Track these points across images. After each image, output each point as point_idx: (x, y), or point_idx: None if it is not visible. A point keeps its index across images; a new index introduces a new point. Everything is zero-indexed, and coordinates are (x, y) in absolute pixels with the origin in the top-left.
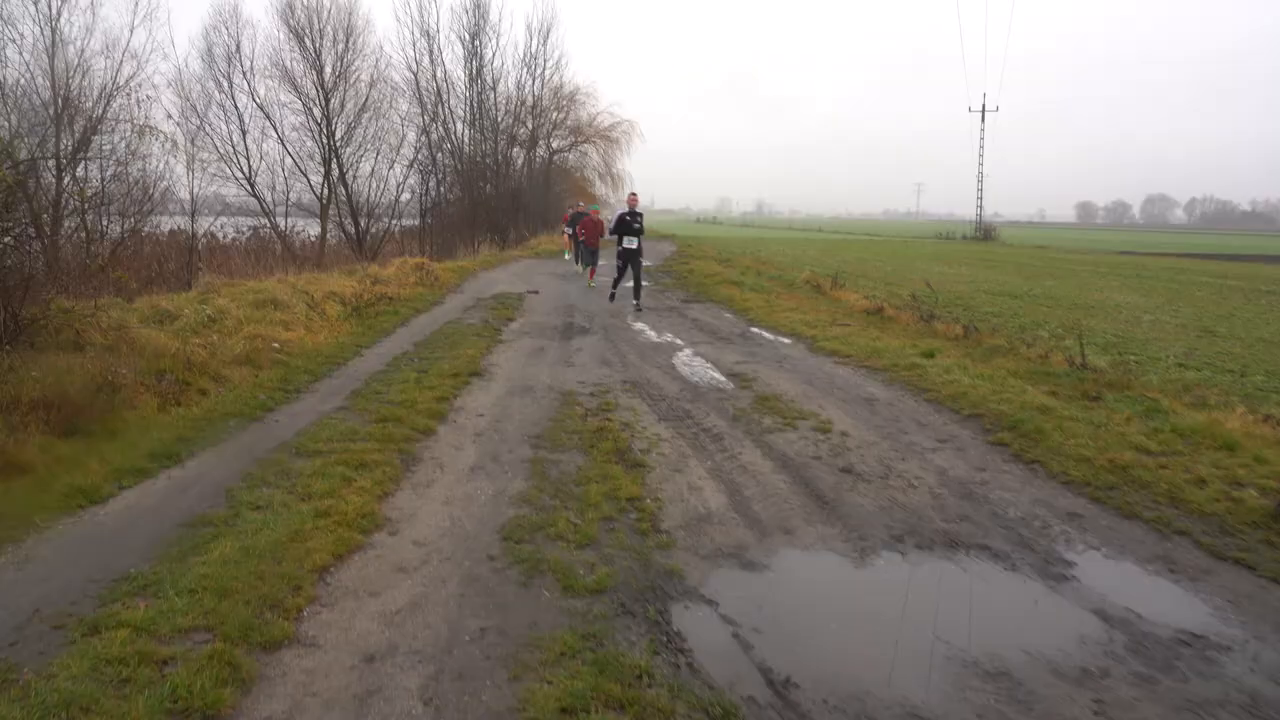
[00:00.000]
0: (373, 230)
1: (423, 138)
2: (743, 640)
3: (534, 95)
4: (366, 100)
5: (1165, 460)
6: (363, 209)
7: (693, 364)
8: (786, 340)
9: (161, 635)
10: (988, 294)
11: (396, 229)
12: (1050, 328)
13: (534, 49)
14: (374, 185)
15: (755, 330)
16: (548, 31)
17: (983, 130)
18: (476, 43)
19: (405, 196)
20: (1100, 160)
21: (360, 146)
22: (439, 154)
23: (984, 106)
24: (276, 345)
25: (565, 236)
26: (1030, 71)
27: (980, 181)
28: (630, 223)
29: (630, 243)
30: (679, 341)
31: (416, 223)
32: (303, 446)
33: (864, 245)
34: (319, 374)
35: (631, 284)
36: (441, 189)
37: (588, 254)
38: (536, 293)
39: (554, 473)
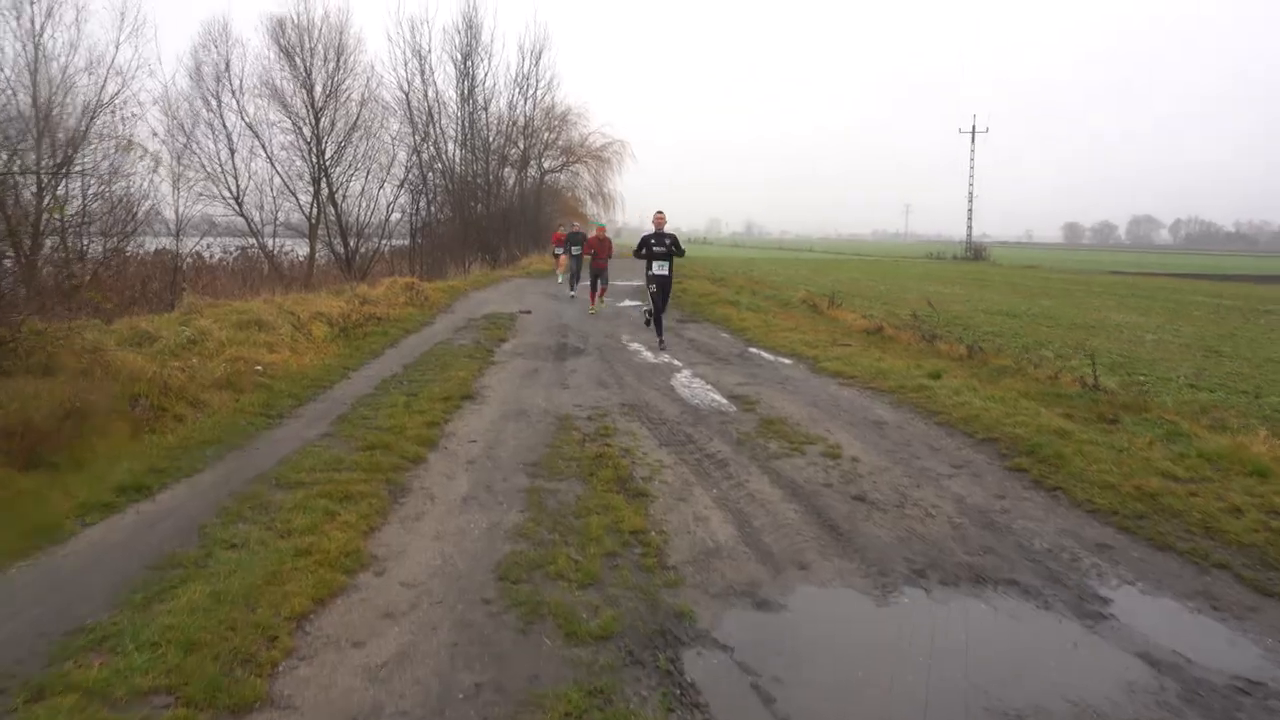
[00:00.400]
0: (362, 250)
1: (414, 157)
2: (763, 692)
3: (526, 115)
4: (357, 119)
5: (1195, 487)
6: (352, 229)
7: (692, 386)
8: (787, 361)
9: (116, 700)
10: (985, 313)
11: (386, 249)
12: (1054, 347)
13: (526, 70)
14: (364, 205)
15: (754, 351)
16: (540, 53)
17: (973, 151)
18: (468, 63)
19: (396, 216)
20: (1086, 182)
21: (350, 166)
22: (430, 174)
23: (974, 128)
24: (260, 368)
25: (556, 258)
26: (1018, 95)
27: (971, 201)
28: (655, 245)
29: (661, 268)
30: (677, 362)
31: (407, 242)
32: (284, 477)
33: (855, 265)
34: (303, 398)
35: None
36: (432, 209)
37: (596, 276)
38: (529, 313)
39: (552, 503)
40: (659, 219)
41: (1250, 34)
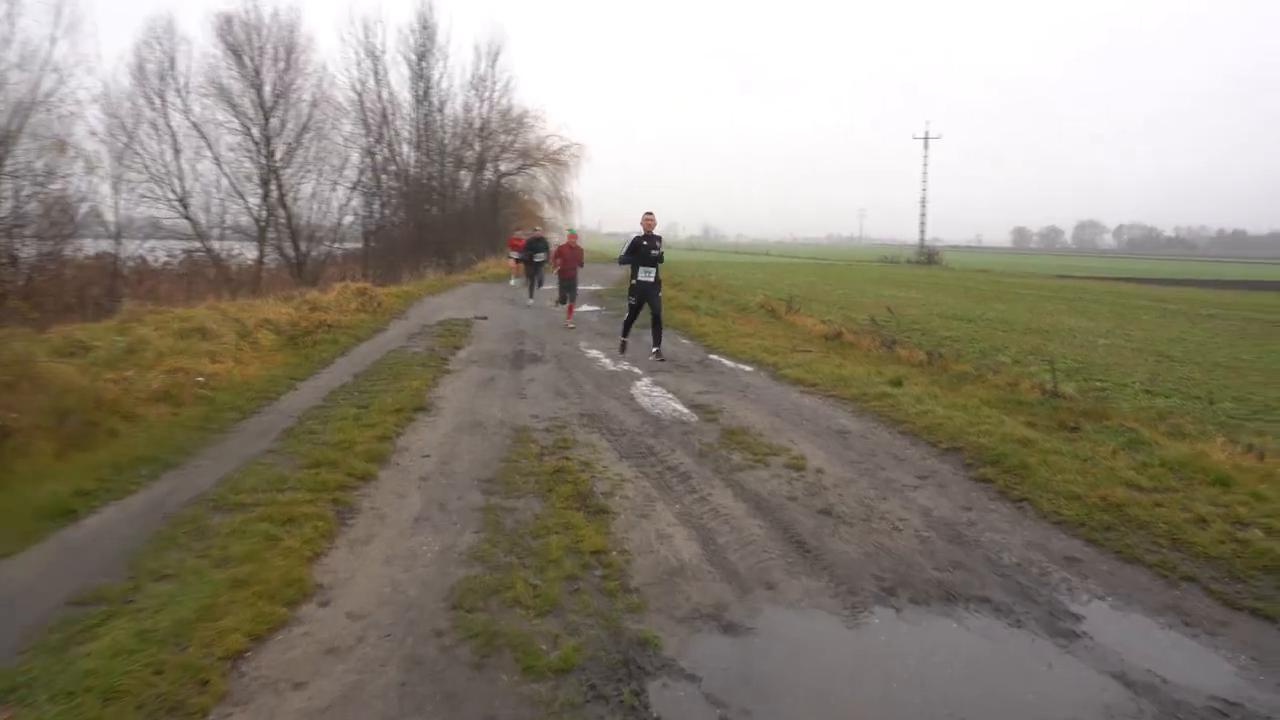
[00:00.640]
0: (314, 254)
1: (367, 159)
2: None
3: (482, 117)
4: (308, 120)
5: (1160, 497)
6: (303, 232)
7: (652, 394)
8: (747, 368)
9: None
10: (941, 318)
11: (339, 253)
12: (1011, 353)
13: (482, 71)
14: (315, 208)
15: (714, 357)
16: (496, 54)
17: (926, 157)
18: (423, 64)
19: (348, 219)
20: (1034, 188)
21: (301, 168)
22: (384, 176)
23: (927, 134)
24: (201, 379)
25: (511, 262)
26: (967, 104)
27: (924, 206)
28: (648, 249)
29: (648, 274)
30: (636, 370)
31: (360, 246)
32: (223, 498)
33: (811, 269)
34: (247, 411)
35: (650, 326)
36: (386, 212)
37: (565, 288)
38: (485, 318)
39: (509, 523)
40: (649, 220)
41: (1185, 53)
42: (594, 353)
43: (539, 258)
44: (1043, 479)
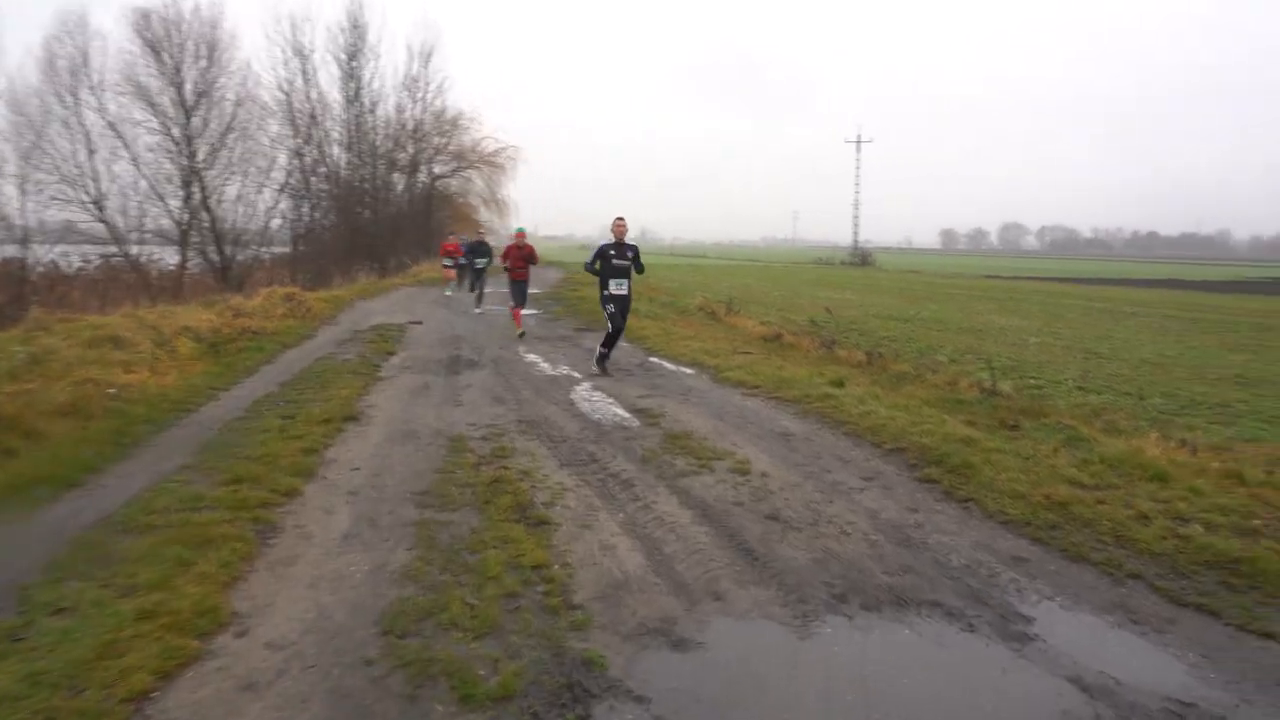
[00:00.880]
0: (240, 259)
1: (295, 161)
2: None
3: (415, 119)
4: (233, 120)
5: (1102, 495)
6: (228, 236)
7: (593, 399)
8: (689, 371)
9: None
10: (878, 318)
11: (267, 257)
12: (947, 352)
13: (415, 72)
14: (241, 210)
15: (655, 360)
16: (430, 54)
17: (858, 160)
18: (354, 64)
19: (276, 222)
20: (961, 190)
21: (226, 169)
22: (313, 178)
23: (859, 138)
24: (113, 390)
25: (445, 269)
26: (898, 107)
27: (857, 209)
28: (615, 258)
29: (619, 286)
30: (576, 374)
31: (289, 250)
32: (131, 520)
33: (748, 270)
34: (163, 424)
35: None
36: (316, 215)
37: (517, 291)
38: (419, 323)
39: (444, 538)
40: (619, 227)
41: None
42: (532, 357)
43: (481, 263)
44: (987, 478)
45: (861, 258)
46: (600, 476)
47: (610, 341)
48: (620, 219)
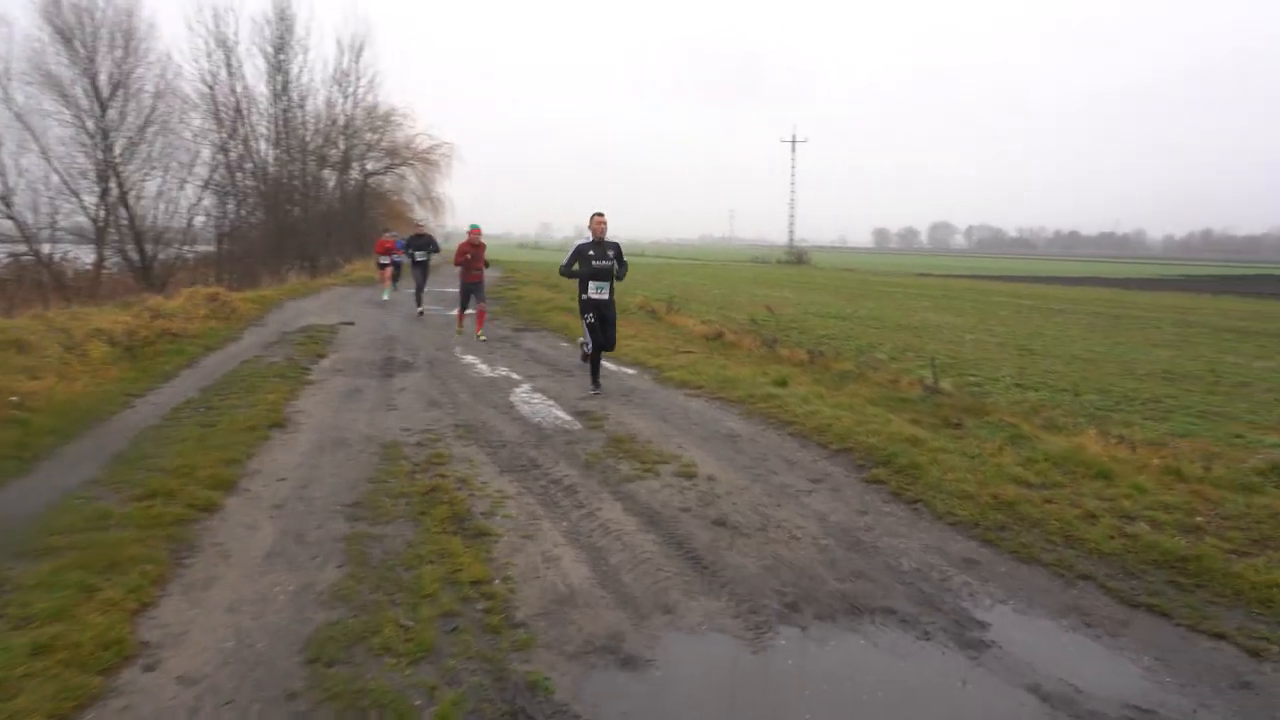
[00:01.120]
0: (161, 258)
1: (220, 156)
2: None
3: (346, 114)
4: (152, 113)
5: (1049, 493)
6: (149, 234)
7: (533, 402)
8: (630, 371)
9: None
10: (817, 316)
11: (192, 256)
12: (886, 350)
13: (345, 66)
14: (163, 207)
15: None
16: (360, 48)
17: (793, 159)
18: (281, 56)
19: (200, 220)
20: (893, 191)
21: (146, 164)
22: (239, 174)
23: (794, 138)
24: (15, 399)
25: (381, 269)
26: (829, 107)
27: (792, 208)
28: (594, 259)
29: (599, 290)
30: (515, 376)
31: (214, 249)
32: (28, 543)
33: (687, 269)
34: (70, 434)
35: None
36: (242, 212)
37: (469, 292)
38: (352, 324)
39: (377, 553)
40: (598, 224)
41: (1024, 71)
42: (470, 358)
43: (420, 256)
44: (935, 479)
45: (797, 256)
46: (542, 483)
47: (593, 358)
48: (599, 214)
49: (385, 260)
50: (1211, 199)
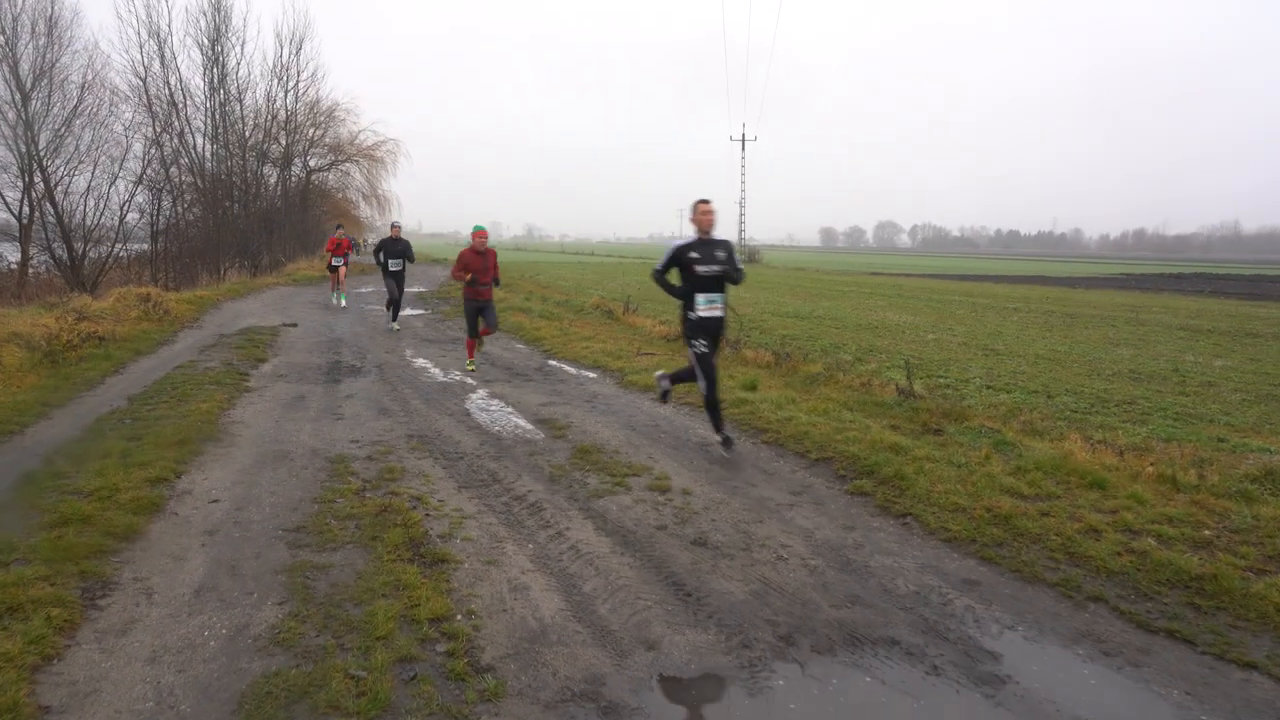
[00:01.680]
0: (93, 256)
1: (153, 150)
2: None
3: (288, 109)
4: (79, 104)
5: (1045, 505)
6: (78, 231)
7: (490, 409)
8: (591, 374)
9: None
10: (775, 316)
11: (126, 255)
12: (851, 350)
13: (286, 59)
14: (93, 203)
15: (554, 364)
16: (300, 42)
17: (743, 158)
18: (218, 48)
19: (133, 217)
20: (839, 190)
21: (74, 158)
22: (174, 169)
23: (744, 136)
24: None
25: (333, 271)
26: (780, 106)
27: (743, 206)
28: (700, 262)
29: (712, 305)
30: (470, 380)
31: (149, 248)
32: None
33: (640, 268)
34: None
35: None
36: (179, 208)
37: (479, 311)
38: (295, 325)
39: (322, 586)
40: (705, 215)
41: (963, 74)
42: (421, 362)
43: (394, 265)
44: (923, 490)
45: (749, 255)
46: (505, 500)
47: (709, 400)
48: (705, 202)
49: (338, 261)
50: (1145, 199)
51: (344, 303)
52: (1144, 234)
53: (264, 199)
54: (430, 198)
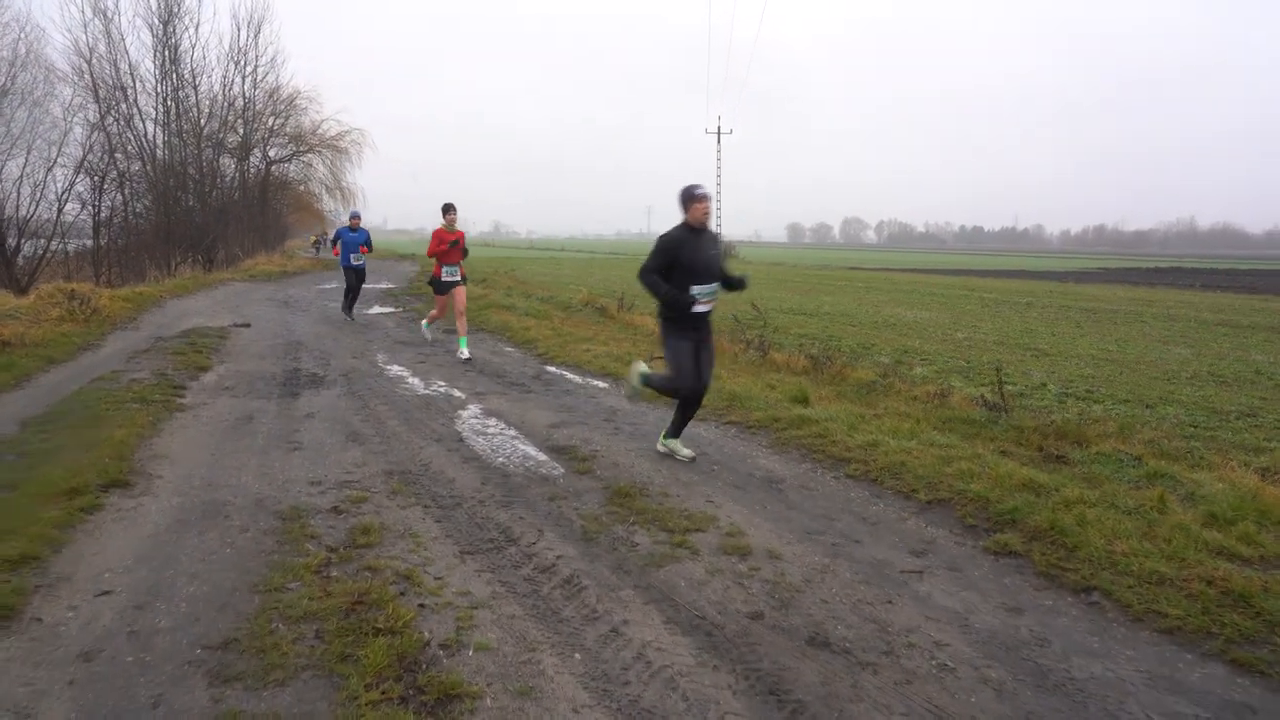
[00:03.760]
0: (27, 251)
1: (97, 135)
2: None
3: (245, 96)
4: (10, 83)
5: None
6: (10, 223)
7: (488, 431)
8: (601, 384)
9: None
10: (781, 313)
11: (66, 250)
12: (884, 351)
13: (244, 43)
14: (27, 192)
15: (554, 370)
16: (259, 25)
17: (719, 151)
18: (170, 29)
19: (73, 208)
20: (805, 186)
21: (4, 139)
22: (120, 156)
23: (719, 129)
24: None
25: (441, 292)
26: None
27: (719, 200)
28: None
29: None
30: (457, 393)
31: (95, 241)
32: None
33: (614, 263)
34: None
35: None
36: (126, 199)
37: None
38: (247, 326)
39: None
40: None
41: (927, 68)
42: (396, 369)
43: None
44: (1099, 550)
45: (726, 250)
46: (527, 573)
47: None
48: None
49: (452, 275)
50: (1103, 196)
51: (465, 352)
52: (1104, 230)
53: (221, 190)
54: (397, 193)
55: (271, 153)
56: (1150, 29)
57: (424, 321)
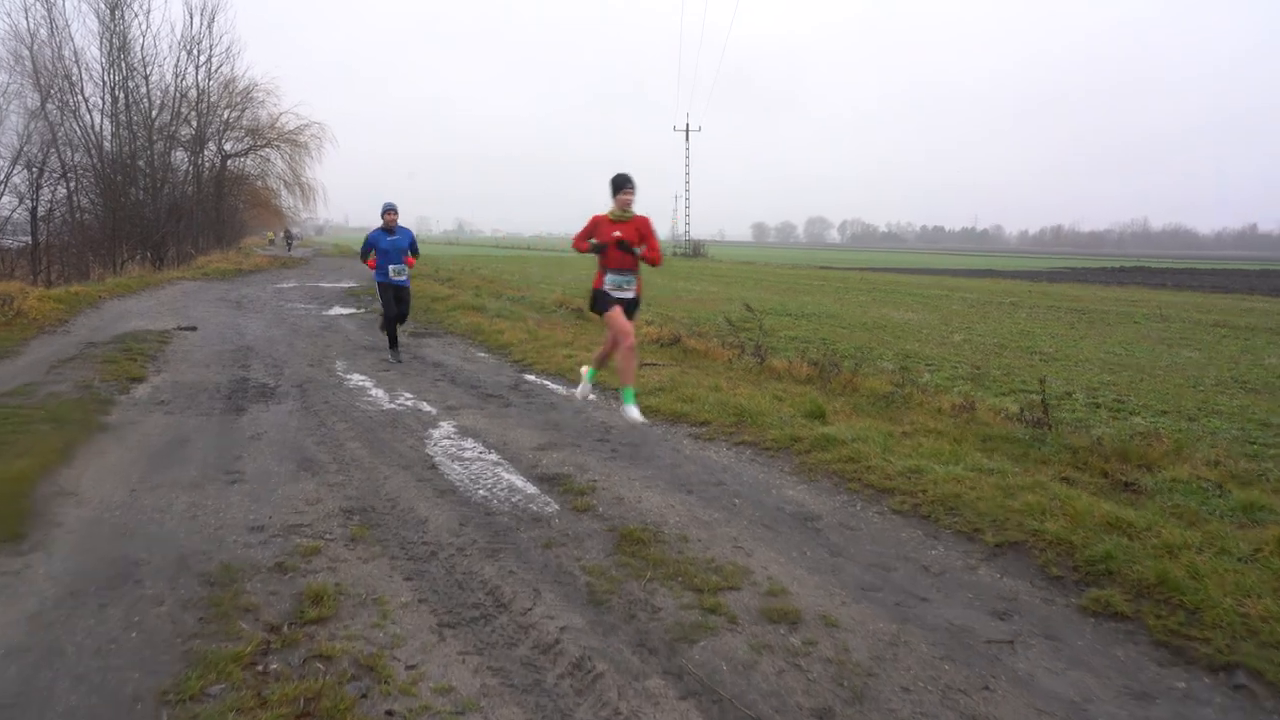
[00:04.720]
0: None
1: (35, 123)
2: None
3: (200, 87)
4: None
5: None
6: None
7: (464, 455)
8: (590, 395)
9: None
10: (764, 314)
11: (9, 246)
12: (886, 356)
13: (197, 32)
14: None
15: (533, 379)
16: (214, 13)
17: (688, 149)
18: (118, 15)
19: (9, 201)
20: (770, 186)
21: None
22: (63, 147)
23: (688, 126)
24: None
25: (598, 310)
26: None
27: (688, 199)
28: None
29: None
30: (427, 407)
31: (35, 239)
32: None
33: (585, 262)
34: None
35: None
36: (69, 192)
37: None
38: (193, 329)
39: None
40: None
41: (889, 70)
42: (358, 379)
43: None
44: (1229, 614)
45: (694, 248)
46: (524, 654)
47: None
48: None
49: (624, 286)
50: (1059, 198)
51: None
52: (1061, 230)
53: (173, 185)
54: (358, 189)
55: (227, 146)
56: (1112, 33)
57: (585, 368)
